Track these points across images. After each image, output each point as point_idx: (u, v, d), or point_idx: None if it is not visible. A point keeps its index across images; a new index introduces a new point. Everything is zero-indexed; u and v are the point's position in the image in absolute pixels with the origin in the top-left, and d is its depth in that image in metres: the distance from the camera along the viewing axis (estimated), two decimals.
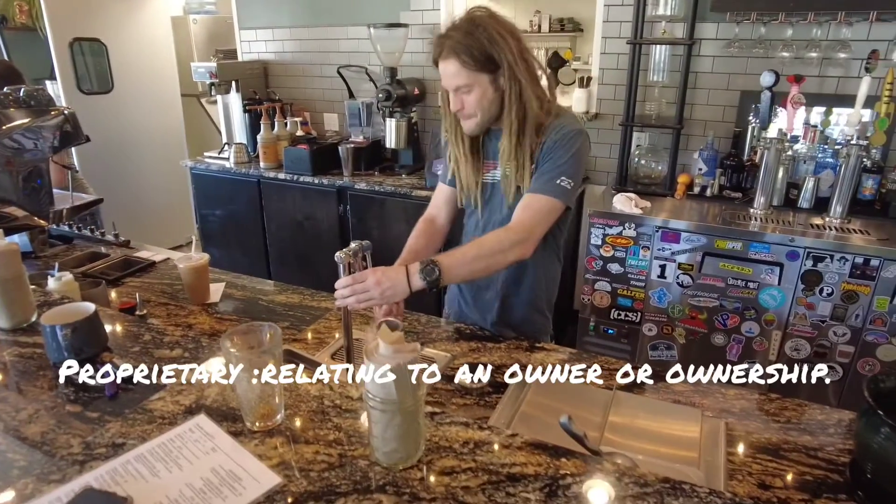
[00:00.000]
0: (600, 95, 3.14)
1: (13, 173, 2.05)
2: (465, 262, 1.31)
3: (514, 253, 1.34)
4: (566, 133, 1.38)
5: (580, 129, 1.40)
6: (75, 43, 3.96)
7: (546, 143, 1.39)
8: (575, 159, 1.38)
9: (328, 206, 3.38)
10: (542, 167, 1.39)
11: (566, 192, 1.38)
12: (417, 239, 1.61)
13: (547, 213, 1.38)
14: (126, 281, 1.89)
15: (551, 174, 1.37)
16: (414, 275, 1.26)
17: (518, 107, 1.35)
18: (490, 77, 1.33)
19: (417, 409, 0.79)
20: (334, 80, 3.71)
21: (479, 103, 1.36)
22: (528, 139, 1.39)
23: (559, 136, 1.38)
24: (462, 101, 1.37)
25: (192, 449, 0.86)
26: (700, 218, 2.51)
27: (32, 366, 1.11)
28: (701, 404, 1.23)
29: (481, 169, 1.52)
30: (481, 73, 1.32)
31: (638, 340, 2.71)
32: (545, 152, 1.39)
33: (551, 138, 1.38)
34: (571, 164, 1.38)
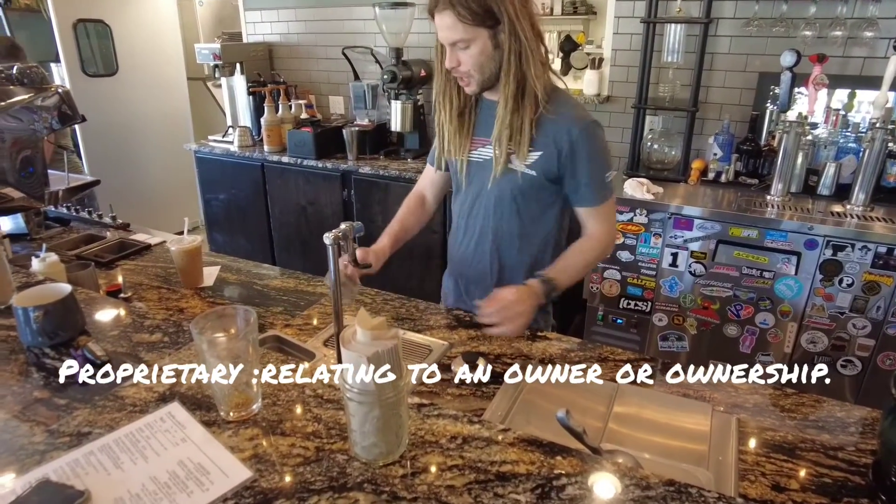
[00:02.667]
0: (612, 77, 3.04)
1: (8, 154, 2.01)
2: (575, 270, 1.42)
3: (607, 254, 1.50)
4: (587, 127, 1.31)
5: (594, 119, 1.35)
6: (79, 24, 3.90)
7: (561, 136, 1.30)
8: (605, 150, 1.40)
9: (332, 191, 3.31)
10: (581, 172, 1.34)
11: (612, 184, 1.41)
12: (408, 216, 1.59)
13: (613, 210, 1.45)
14: (120, 264, 1.84)
15: (600, 176, 1.37)
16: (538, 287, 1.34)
17: (517, 68, 1.25)
18: (489, 32, 1.22)
19: (399, 401, 0.73)
20: (339, 61, 3.63)
21: (475, 60, 1.25)
22: (527, 108, 1.29)
23: (582, 132, 1.30)
24: (458, 57, 1.25)
25: (160, 439, 0.80)
26: (714, 204, 2.41)
27: (5, 349, 1.06)
28: (711, 398, 1.16)
29: (468, 144, 1.42)
30: (480, 28, 1.21)
31: (648, 331, 2.63)
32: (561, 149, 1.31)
33: (574, 132, 1.30)
34: (607, 157, 1.41)
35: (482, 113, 1.40)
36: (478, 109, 1.41)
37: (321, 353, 1.31)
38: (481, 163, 1.42)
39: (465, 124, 1.41)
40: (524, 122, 1.29)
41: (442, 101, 1.40)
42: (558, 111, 1.31)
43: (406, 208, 1.60)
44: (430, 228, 3.05)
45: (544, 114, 1.30)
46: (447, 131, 1.42)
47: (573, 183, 1.36)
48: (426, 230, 2.95)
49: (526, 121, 1.29)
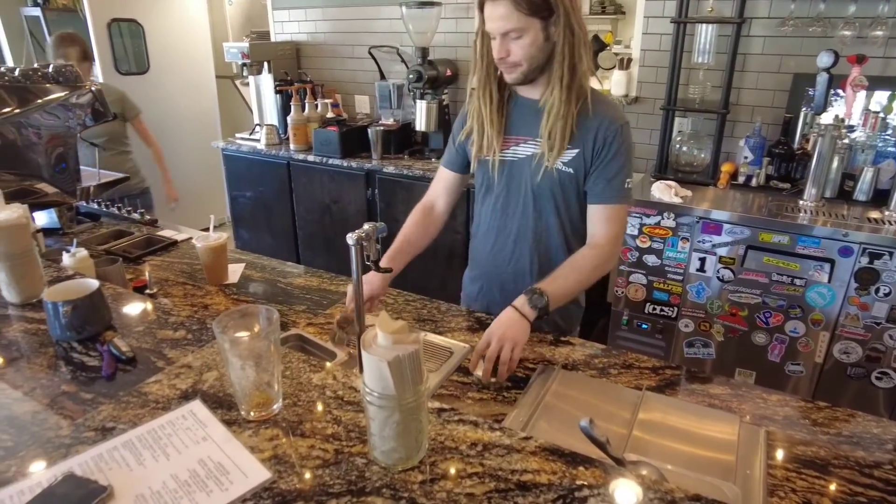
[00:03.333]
0: (641, 78, 2.99)
1: (44, 150, 2.06)
2: (568, 287, 1.31)
3: (608, 267, 1.36)
4: (620, 127, 1.31)
5: (627, 122, 1.34)
6: (113, 24, 3.99)
7: (597, 134, 1.30)
8: (631, 155, 1.35)
9: (356, 190, 3.32)
10: (607, 168, 1.32)
11: (631, 192, 1.36)
12: (413, 229, 1.54)
13: (626, 219, 1.42)
14: (147, 259, 1.87)
15: (620, 178, 1.33)
16: (525, 308, 1.24)
17: (570, 59, 1.23)
18: (542, 23, 1.20)
19: (419, 406, 0.72)
20: (366, 61, 3.64)
21: (526, 51, 1.23)
22: (572, 103, 1.27)
23: (615, 130, 1.30)
24: (509, 48, 1.23)
25: (182, 437, 0.81)
26: (744, 209, 2.35)
27: (35, 342, 1.08)
28: (739, 409, 1.13)
29: (501, 142, 1.39)
30: (534, 18, 1.19)
31: (673, 337, 2.58)
32: (601, 143, 1.30)
33: (607, 127, 1.29)
34: (630, 162, 1.35)
35: (516, 110, 1.38)
36: (510, 107, 1.38)
37: (342, 353, 1.30)
38: (516, 161, 1.39)
39: (501, 121, 1.38)
40: (568, 117, 1.28)
41: (482, 96, 1.37)
42: (596, 109, 1.30)
43: (411, 224, 1.56)
44: (452, 229, 3.04)
45: (583, 111, 1.29)
46: (486, 127, 1.38)
47: (597, 179, 1.33)
48: (448, 230, 2.95)
49: (570, 117, 1.28)
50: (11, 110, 1.94)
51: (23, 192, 1.98)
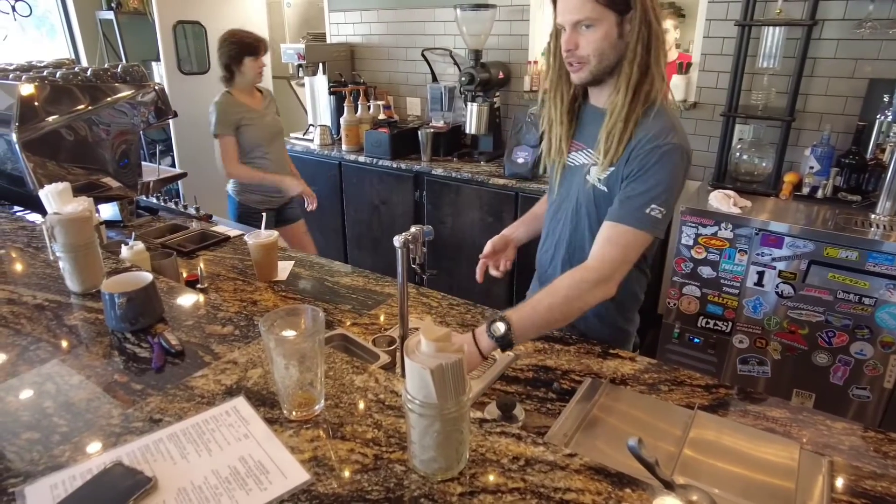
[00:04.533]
0: (700, 83, 2.88)
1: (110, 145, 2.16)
2: (538, 314, 1.13)
3: (595, 296, 1.16)
4: (661, 146, 1.15)
5: (678, 145, 1.16)
6: (178, 25, 4.14)
7: (636, 148, 1.17)
8: (669, 182, 1.16)
9: (404, 191, 3.34)
10: (629, 186, 1.18)
11: (657, 222, 1.16)
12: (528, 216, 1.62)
13: (634, 247, 1.18)
14: (200, 254, 1.93)
15: (641, 200, 1.16)
16: (482, 336, 1.10)
17: (642, 60, 1.13)
18: (617, 18, 1.12)
19: (461, 417, 0.70)
20: (419, 63, 3.66)
21: (597, 45, 1.14)
22: (636, 108, 1.17)
23: (652, 147, 1.15)
24: (578, 40, 1.15)
25: (224, 433, 0.82)
26: (808, 221, 2.23)
27: (93, 331, 1.12)
28: (799, 435, 1.06)
29: (568, 146, 1.34)
30: (609, 10, 1.11)
31: (727, 353, 2.47)
32: (633, 160, 1.17)
33: (644, 145, 1.16)
34: (665, 188, 1.16)
35: (585, 117, 1.33)
36: (580, 113, 1.33)
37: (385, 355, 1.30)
38: (574, 168, 1.34)
39: (571, 124, 1.33)
40: (630, 122, 1.17)
41: (553, 97, 1.31)
42: (655, 122, 1.17)
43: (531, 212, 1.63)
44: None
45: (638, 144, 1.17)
46: (556, 128, 1.33)
47: (621, 194, 1.20)
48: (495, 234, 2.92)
49: (632, 122, 1.17)
50: (84, 108, 2.04)
51: (89, 185, 2.07)
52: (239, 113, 2.67)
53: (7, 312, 1.19)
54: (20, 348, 1.06)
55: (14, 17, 3.88)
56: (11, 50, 4.12)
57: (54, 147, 1.97)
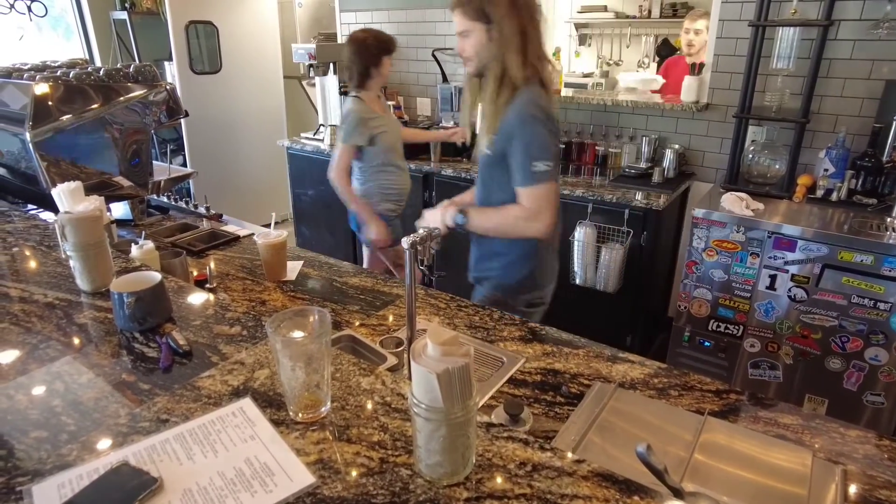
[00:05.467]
0: (713, 84, 2.86)
1: (122, 144, 2.17)
2: (487, 219, 1.60)
3: (523, 229, 1.55)
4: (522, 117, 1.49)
5: (531, 114, 1.49)
6: (190, 26, 4.17)
7: (505, 124, 1.51)
8: (538, 140, 1.50)
9: (414, 192, 3.32)
10: (512, 158, 1.52)
11: (546, 172, 1.50)
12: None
13: (543, 198, 1.52)
14: (210, 253, 1.93)
15: (525, 163, 1.50)
16: (447, 215, 1.57)
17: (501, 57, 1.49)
18: (485, 27, 1.49)
19: (467, 421, 0.69)
20: (429, 63, 3.66)
21: (474, 48, 1.53)
22: (503, 97, 1.51)
23: (516, 122, 1.50)
24: (463, 45, 1.56)
25: (230, 434, 0.81)
26: (822, 225, 2.20)
27: (102, 330, 1.12)
28: (811, 443, 1.04)
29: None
30: (476, 22, 1.50)
31: (737, 356, 2.44)
32: (506, 134, 1.52)
33: (511, 121, 1.50)
34: (536, 146, 1.50)
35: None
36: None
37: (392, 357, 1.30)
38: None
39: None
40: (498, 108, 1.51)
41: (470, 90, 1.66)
42: (514, 103, 1.50)
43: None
44: None
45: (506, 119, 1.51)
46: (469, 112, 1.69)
47: (511, 163, 1.53)
48: None
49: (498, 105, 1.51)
50: (97, 107, 2.05)
51: (101, 184, 2.09)
52: (375, 121, 2.52)
53: (18, 310, 1.19)
54: (30, 346, 1.06)
55: (30, 17, 3.92)
56: (28, 50, 4.16)
57: (67, 146, 1.99)
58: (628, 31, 5.53)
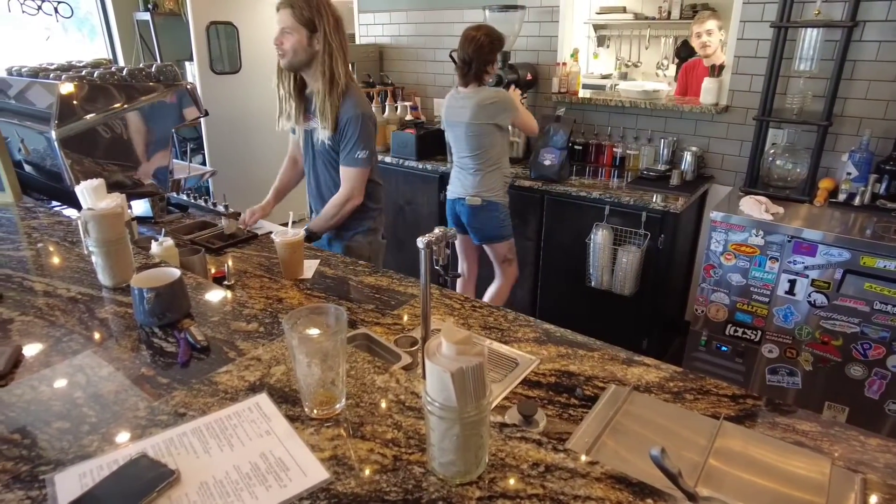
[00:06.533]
0: (733, 86, 2.83)
1: (142, 143, 2.20)
2: (325, 222, 2.07)
3: (347, 208, 2.04)
4: (350, 116, 1.91)
5: (361, 113, 1.92)
6: (211, 26, 4.22)
7: (341, 119, 1.92)
8: (361, 134, 1.94)
9: (429, 192, 3.34)
10: (343, 145, 1.96)
11: (365, 160, 1.99)
12: (283, 175, 2.38)
13: (358, 178, 2.01)
14: (228, 251, 1.96)
15: (352, 151, 1.96)
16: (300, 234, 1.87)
17: (326, 62, 1.86)
18: (308, 33, 1.83)
19: (481, 421, 0.69)
20: (446, 64, 3.66)
21: (292, 45, 1.85)
22: (335, 96, 1.89)
23: (349, 118, 1.91)
24: (283, 39, 1.86)
25: (246, 429, 0.82)
26: (843, 229, 2.17)
27: (122, 325, 1.14)
28: (830, 451, 1.03)
29: (304, 115, 2.04)
30: (302, 26, 1.83)
31: (755, 362, 2.41)
32: (342, 128, 1.93)
33: (343, 117, 1.91)
34: (362, 139, 1.95)
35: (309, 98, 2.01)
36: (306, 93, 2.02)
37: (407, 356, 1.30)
38: (309, 132, 2.05)
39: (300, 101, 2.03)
40: (332, 106, 1.89)
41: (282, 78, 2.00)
42: (345, 104, 1.91)
43: (282, 172, 2.38)
44: (524, 236, 2.99)
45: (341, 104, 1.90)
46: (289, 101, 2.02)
47: (342, 149, 1.97)
48: (519, 237, 2.90)
49: (333, 106, 1.89)
50: (119, 106, 2.09)
51: (122, 182, 2.12)
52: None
53: (43, 304, 1.22)
54: (54, 339, 1.08)
55: (56, 18, 4.00)
56: (54, 50, 4.25)
57: (90, 144, 2.02)
58: (647, 33, 5.49)
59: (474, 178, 2.64)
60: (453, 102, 2.65)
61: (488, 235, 2.71)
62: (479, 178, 2.63)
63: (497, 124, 2.56)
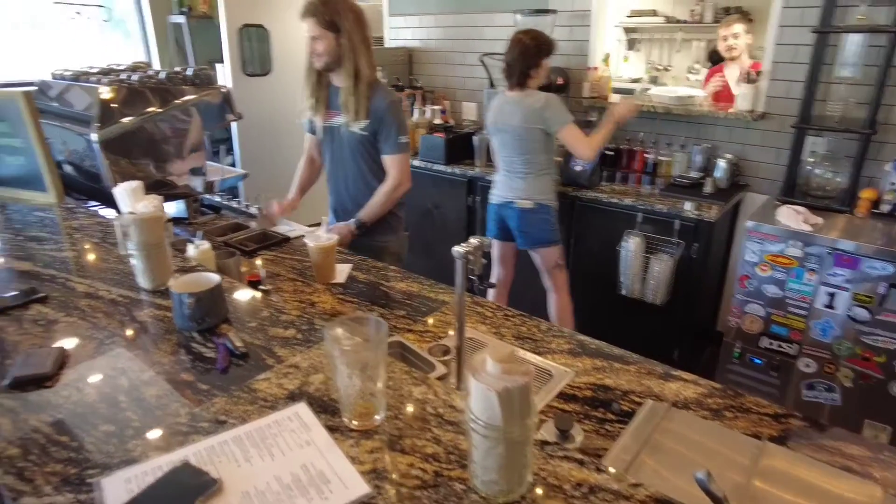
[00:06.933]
0: (770, 93, 2.76)
1: (178, 145, 2.24)
2: (373, 211, 2.11)
3: (398, 194, 2.13)
4: (388, 105, 2.01)
5: (396, 99, 2.08)
6: (243, 29, 4.28)
7: (375, 110, 2.00)
8: (400, 118, 2.06)
9: (458, 196, 3.34)
10: (384, 133, 2.03)
11: (407, 144, 2.10)
12: (303, 173, 2.43)
13: (404, 163, 2.10)
14: (261, 253, 1.98)
15: (394, 137, 2.04)
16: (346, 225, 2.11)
17: (352, 61, 1.96)
18: (334, 35, 1.94)
19: (525, 440, 0.68)
20: (476, 68, 3.65)
21: (324, 49, 1.96)
22: (361, 89, 1.98)
23: (385, 107, 2.00)
24: (315, 45, 1.98)
25: (287, 439, 0.83)
26: (888, 241, 2.10)
27: (162, 328, 1.16)
28: (882, 478, 0.99)
29: (326, 112, 2.11)
30: (327, 31, 1.94)
31: (791, 376, 2.35)
32: (379, 117, 2.01)
33: (379, 107, 2.00)
34: (402, 124, 2.06)
35: (332, 93, 2.10)
36: (331, 90, 2.10)
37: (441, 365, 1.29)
38: (333, 128, 2.11)
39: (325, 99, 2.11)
40: (360, 98, 1.98)
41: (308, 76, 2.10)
42: (377, 94, 2.01)
43: (301, 170, 2.43)
44: None
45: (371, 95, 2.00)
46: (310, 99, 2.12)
47: (381, 138, 2.05)
48: None
49: (362, 98, 1.99)
50: (156, 109, 2.12)
51: (158, 183, 2.16)
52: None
53: (85, 305, 1.24)
54: (97, 342, 1.10)
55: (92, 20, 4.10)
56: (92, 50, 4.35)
57: (128, 146, 2.06)
58: (679, 36, 5.42)
59: (524, 182, 2.61)
60: (502, 106, 2.63)
61: (539, 239, 2.65)
62: (530, 181, 2.61)
63: (545, 129, 2.54)
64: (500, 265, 2.89)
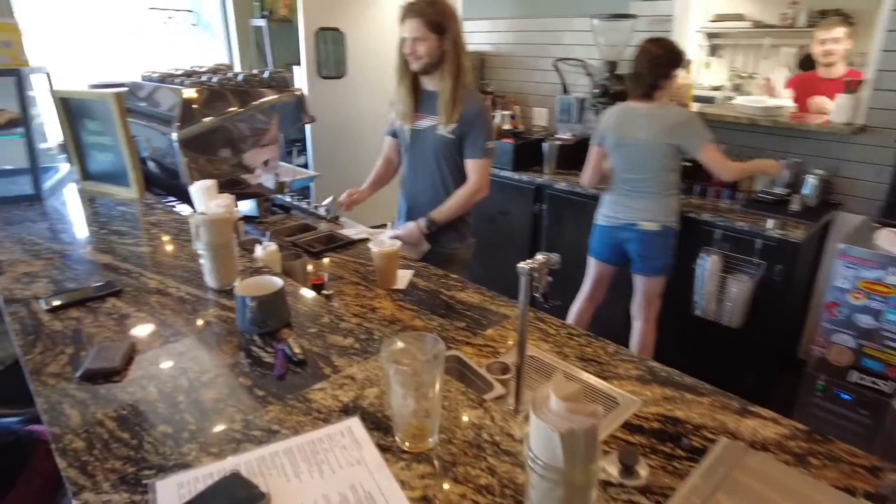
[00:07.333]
0: (872, 104, 2.54)
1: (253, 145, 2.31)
2: (448, 212, 2.09)
3: (476, 199, 2.11)
4: (479, 110, 2.02)
5: (486, 105, 2.11)
6: (320, 32, 4.38)
7: (466, 114, 1.99)
8: (489, 125, 2.08)
9: (524, 204, 3.27)
10: (471, 136, 2.02)
11: (492, 150, 2.09)
12: (378, 172, 2.41)
13: (486, 169, 2.09)
14: (327, 255, 2.00)
15: (481, 142, 2.03)
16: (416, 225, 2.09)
17: (455, 63, 1.95)
18: (437, 37, 1.91)
19: (588, 485, 0.63)
20: (549, 73, 3.58)
21: (426, 50, 1.93)
22: (460, 89, 1.98)
23: (477, 111, 2.01)
24: (415, 47, 1.93)
25: (337, 455, 0.81)
26: None
27: (224, 329, 1.17)
28: None
29: (413, 115, 2.09)
30: (431, 32, 1.90)
31: (884, 416, 2.14)
32: (469, 121, 2.00)
33: (471, 111, 1.99)
34: (489, 129, 2.06)
35: (422, 96, 2.08)
36: (423, 92, 2.08)
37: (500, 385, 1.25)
38: (420, 131, 2.09)
39: (414, 102, 2.08)
40: (457, 102, 1.98)
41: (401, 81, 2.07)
42: (469, 99, 2.01)
43: (378, 168, 2.41)
44: None
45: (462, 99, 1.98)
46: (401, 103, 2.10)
47: (468, 143, 2.03)
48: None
49: (458, 102, 1.98)
50: (234, 110, 2.19)
51: (232, 182, 2.23)
52: None
53: (155, 302, 1.28)
54: (163, 339, 1.13)
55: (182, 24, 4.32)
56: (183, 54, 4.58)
57: (206, 145, 2.14)
58: (766, 42, 5.11)
59: (649, 202, 2.44)
60: (628, 118, 2.45)
61: (656, 267, 2.48)
62: (656, 201, 2.44)
63: (680, 147, 2.38)
64: (593, 284, 2.70)
